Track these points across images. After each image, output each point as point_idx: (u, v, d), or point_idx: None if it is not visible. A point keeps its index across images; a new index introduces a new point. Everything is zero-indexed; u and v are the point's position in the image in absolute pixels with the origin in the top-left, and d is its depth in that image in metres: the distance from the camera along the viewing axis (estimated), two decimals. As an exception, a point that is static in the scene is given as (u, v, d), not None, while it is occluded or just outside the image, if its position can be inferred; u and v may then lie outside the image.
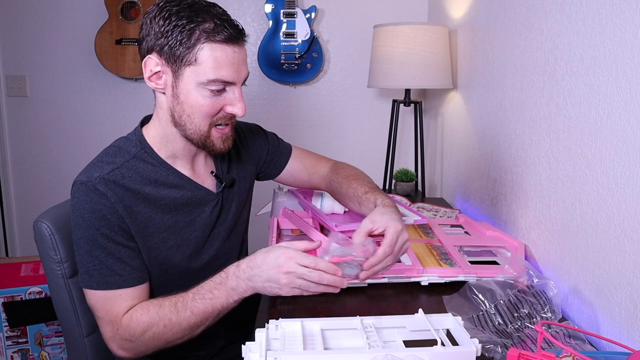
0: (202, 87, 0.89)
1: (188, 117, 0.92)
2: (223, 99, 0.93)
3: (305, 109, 2.36)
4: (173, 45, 0.87)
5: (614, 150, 0.87)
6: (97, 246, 0.91)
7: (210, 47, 0.87)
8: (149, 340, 0.91)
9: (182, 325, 0.90)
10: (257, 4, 2.26)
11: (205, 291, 0.90)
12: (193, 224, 1.02)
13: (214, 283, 0.90)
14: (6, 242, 2.41)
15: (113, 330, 0.92)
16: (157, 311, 0.91)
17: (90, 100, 2.33)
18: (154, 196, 0.96)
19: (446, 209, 1.58)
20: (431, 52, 1.73)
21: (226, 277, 0.90)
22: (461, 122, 1.76)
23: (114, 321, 0.92)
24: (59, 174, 2.38)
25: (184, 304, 0.90)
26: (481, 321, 0.90)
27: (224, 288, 0.89)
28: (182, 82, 0.90)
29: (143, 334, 0.90)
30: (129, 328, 0.91)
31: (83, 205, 0.91)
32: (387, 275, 1.08)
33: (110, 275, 0.91)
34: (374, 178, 1.20)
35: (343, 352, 0.74)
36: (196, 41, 0.87)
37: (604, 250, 0.90)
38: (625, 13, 0.84)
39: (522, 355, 0.67)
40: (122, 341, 0.92)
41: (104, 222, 0.91)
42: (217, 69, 0.88)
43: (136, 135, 0.99)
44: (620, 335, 0.85)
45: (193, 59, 0.88)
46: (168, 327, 0.90)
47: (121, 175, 0.93)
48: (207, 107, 0.91)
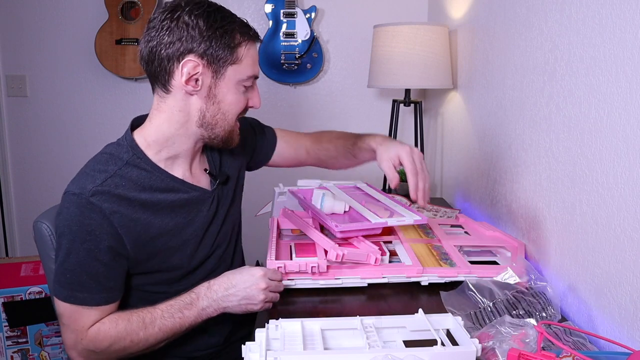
0: (240, 84, 0.95)
1: (223, 115, 0.96)
2: (248, 94, 0.99)
3: (305, 109, 2.36)
4: (217, 47, 0.90)
5: (614, 150, 0.87)
6: (76, 260, 0.90)
7: (248, 46, 0.95)
8: (114, 353, 0.93)
9: (149, 340, 0.93)
10: (257, 4, 2.26)
11: (175, 310, 0.93)
12: (192, 223, 1.03)
13: (184, 303, 0.93)
14: (6, 242, 2.41)
15: (76, 339, 0.92)
16: (125, 326, 0.92)
17: (90, 100, 2.33)
18: (151, 201, 0.96)
19: (446, 209, 1.58)
20: (431, 52, 1.73)
21: (197, 298, 0.94)
22: (461, 122, 1.76)
23: (78, 331, 0.92)
24: (59, 174, 2.37)
25: (152, 321, 0.92)
26: (479, 318, 0.90)
27: (195, 309, 0.93)
28: (222, 81, 0.93)
29: (109, 347, 0.92)
30: (95, 340, 0.92)
31: (72, 217, 0.90)
32: (387, 276, 1.08)
33: (79, 291, 0.91)
34: (374, 178, 1.22)
35: (343, 352, 0.74)
36: (239, 41, 0.93)
37: (603, 250, 0.90)
38: (625, 13, 0.84)
39: (522, 355, 0.67)
40: (85, 351, 0.93)
41: (90, 237, 0.90)
42: (253, 66, 0.96)
43: (127, 141, 0.97)
44: (620, 335, 0.85)
45: (237, 58, 0.93)
46: (135, 342, 0.92)
47: (114, 184, 0.92)
48: (242, 103, 0.98)
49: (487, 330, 0.77)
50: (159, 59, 0.91)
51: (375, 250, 1.11)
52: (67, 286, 0.91)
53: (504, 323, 0.77)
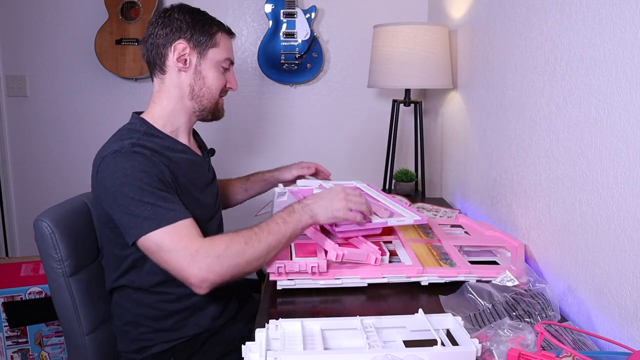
0: (217, 65, 1.18)
1: (208, 89, 1.18)
2: (226, 76, 1.22)
3: (305, 109, 2.36)
4: (200, 33, 1.15)
5: (614, 150, 0.87)
6: (146, 193, 1.00)
7: (223, 36, 1.19)
8: (232, 257, 0.98)
9: (261, 242, 1.01)
10: (257, 4, 2.26)
11: (278, 218, 1.06)
12: (200, 181, 1.21)
13: (284, 214, 1.07)
14: (6, 242, 2.41)
15: (190, 254, 0.97)
16: (234, 233, 1.02)
17: (90, 100, 2.33)
18: (172, 158, 1.12)
19: (446, 209, 1.58)
20: (431, 52, 1.73)
21: (293, 210, 1.08)
22: (461, 122, 1.76)
23: (188, 246, 0.97)
24: (59, 174, 2.37)
25: (259, 228, 1.03)
26: (478, 320, 0.90)
27: (293, 217, 1.07)
28: (205, 61, 1.17)
29: (226, 249, 0.98)
30: (212, 246, 0.98)
31: (123, 165, 1.01)
32: (387, 276, 1.08)
33: (166, 213, 1.00)
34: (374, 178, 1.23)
35: (343, 352, 0.74)
36: (216, 30, 1.17)
37: (603, 250, 0.90)
38: (625, 13, 0.84)
39: (522, 355, 0.67)
40: (205, 260, 0.97)
41: (145, 174, 1.01)
42: (228, 51, 1.20)
43: (138, 120, 1.16)
44: (620, 335, 0.85)
45: (215, 43, 1.17)
46: (249, 243, 1.00)
47: (143, 143, 1.08)
48: (221, 81, 1.20)
49: (485, 331, 0.77)
50: (156, 46, 1.15)
51: (375, 250, 1.11)
52: (153, 216, 0.99)
53: (503, 325, 0.77)
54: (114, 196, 1.01)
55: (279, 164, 2.39)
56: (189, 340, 1.16)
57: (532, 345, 0.73)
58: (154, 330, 1.14)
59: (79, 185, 1.99)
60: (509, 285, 0.99)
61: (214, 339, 1.18)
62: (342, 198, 1.10)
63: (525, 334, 0.75)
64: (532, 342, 0.74)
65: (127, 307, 1.15)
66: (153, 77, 1.19)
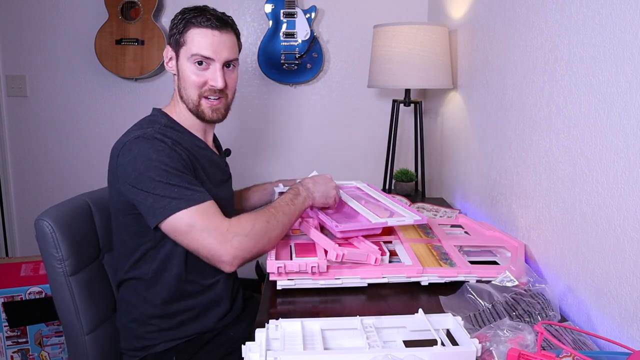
0: (190, 62, 1.15)
1: (184, 90, 1.17)
2: (206, 74, 1.16)
3: (305, 109, 2.36)
4: (174, 34, 1.16)
5: (614, 150, 0.87)
6: (172, 176, 1.03)
7: (194, 31, 1.14)
8: (258, 235, 1.06)
9: (278, 221, 1.10)
10: (257, 4, 2.26)
11: (288, 200, 1.15)
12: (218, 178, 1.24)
13: (290, 196, 1.16)
14: (6, 242, 2.41)
15: (222, 233, 1.02)
16: (255, 213, 1.10)
17: (90, 100, 2.33)
18: (192, 151, 1.16)
19: (446, 209, 1.58)
20: (431, 52, 1.73)
21: (298, 193, 1.18)
22: (461, 122, 1.76)
23: (219, 225, 1.03)
24: (59, 174, 2.37)
25: (275, 209, 1.12)
26: (478, 320, 0.90)
27: (299, 200, 1.17)
28: (180, 61, 1.17)
29: (253, 227, 1.05)
30: (239, 225, 1.05)
31: (147, 150, 1.04)
32: (387, 276, 1.08)
33: (193, 194, 1.04)
34: (374, 178, 1.24)
35: (343, 352, 0.74)
36: (187, 28, 1.14)
37: (604, 250, 0.90)
38: (625, 13, 0.84)
39: (522, 355, 0.67)
40: (236, 238, 1.03)
41: (169, 158, 1.05)
42: (198, 47, 1.14)
43: (159, 112, 1.20)
44: (620, 335, 0.85)
45: (184, 41, 1.15)
46: (271, 222, 1.08)
47: (164, 133, 1.11)
48: (193, 78, 1.16)
49: (484, 332, 0.77)
50: None
51: (375, 250, 1.11)
52: (182, 196, 1.03)
53: (502, 325, 0.77)
54: (138, 179, 1.03)
55: (279, 164, 2.41)
56: (191, 340, 1.16)
57: (531, 345, 0.73)
58: (159, 329, 1.15)
59: (79, 185, 1.99)
60: (508, 285, 0.99)
61: (216, 339, 1.18)
62: (333, 187, 1.23)
63: (524, 335, 0.75)
64: (531, 342, 0.74)
65: (134, 304, 1.15)
66: None
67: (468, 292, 0.98)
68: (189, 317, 1.16)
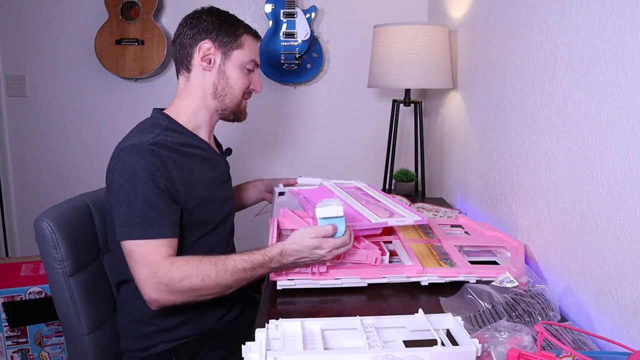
0: (243, 66, 1.21)
1: (230, 89, 1.21)
2: (251, 78, 1.25)
3: (305, 109, 2.36)
4: (225, 34, 1.18)
5: (614, 150, 0.87)
6: (143, 200, 1.02)
7: (249, 38, 1.22)
8: (184, 290, 1.01)
9: (219, 284, 1.02)
10: (257, 4, 2.26)
11: (248, 265, 1.02)
12: (215, 179, 1.23)
13: (257, 261, 1.03)
14: (6, 242, 2.41)
15: (150, 273, 1.00)
16: (196, 265, 1.01)
17: (90, 100, 2.33)
18: (192, 153, 1.16)
19: (446, 209, 1.58)
20: (431, 52, 1.73)
21: (269, 261, 1.03)
22: (461, 122, 1.76)
23: (152, 264, 1.01)
24: (59, 174, 2.37)
25: (224, 267, 1.02)
26: (478, 321, 0.90)
27: (265, 268, 1.03)
28: (229, 61, 1.19)
29: (181, 281, 1.00)
30: (169, 272, 1.00)
31: (136, 163, 1.03)
32: (387, 275, 1.08)
33: (150, 226, 1.02)
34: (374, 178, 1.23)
35: (343, 352, 0.74)
36: (242, 33, 1.20)
37: (604, 250, 0.90)
38: (625, 13, 0.84)
39: (522, 355, 0.67)
40: (159, 284, 1.00)
41: (152, 177, 1.04)
42: (254, 54, 1.23)
43: (161, 114, 1.20)
44: (620, 335, 0.85)
45: (240, 44, 1.20)
46: (205, 281, 1.01)
47: (163, 139, 1.10)
48: (245, 82, 1.23)
49: (482, 333, 0.77)
50: (183, 46, 1.20)
51: (376, 250, 1.11)
52: (138, 224, 1.02)
53: (500, 327, 0.77)
54: (117, 190, 1.04)
55: (278, 164, 2.41)
56: (191, 341, 1.16)
57: (529, 346, 0.73)
58: (159, 330, 1.15)
59: (79, 185, 1.99)
60: (508, 286, 0.99)
61: (217, 340, 1.18)
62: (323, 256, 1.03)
63: (522, 335, 0.75)
64: (529, 343, 0.74)
65: (134, 304, 1.15)
66: (179, 74, 1.23)
67: (468, 293, 0.98)
68: (190, 318, 1.16)
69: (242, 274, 1.02)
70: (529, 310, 0.90)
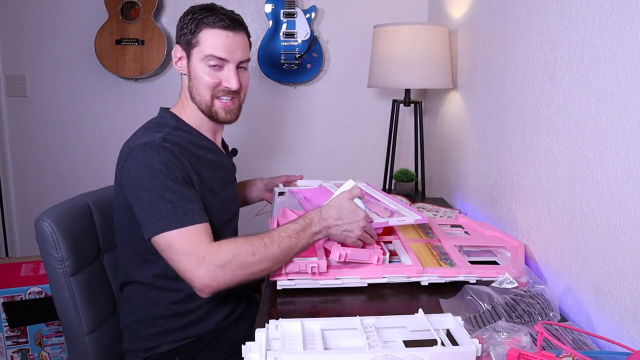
0: (203, 63, 1.13)
1: (196, 90, 1.16)
2: (220, 75, 1.15)
3: (305, 109, 2.36)
4: (186, 34, 1.14)
5: (614, 150, 0.87)
6: (169, 191, 1.02)
7: (208, 32, 1.12)
8: (238, 267, 0.99)
9: (268, 255, 1.00)
10: (257, 4, 2.26)
11: (292, 232, 1.03)
12: (222, 180, 1.23)
13: (299, 226, 1.04)
14: (6, 242, 2.41)
15: (197, 259, 0.98)
16: (244, 241, 1.00)
17: (90, 100, 2.33)
18: (200, 155, 1.16)
19: (446, 209, 1.58)
20: (431, 52, 1.73)
21: (310, 223, 1.05)
22: (461, 122, 1.76)
23: (197, 251, 0.98)
24: (59, 174, 2.37)
25: (271, 239, 1.01)
26: (478, 322, 0.90)
27: (309, 231, 1.04)
28: (192, 62, 1.15)
29: (232, 259, 0.98)
30: (218, 254, 0.98)
31: (151, 159, 1.03)
32: (387, 275, 1.08)
33: (184, 214, 1.01)
34: (374, 178, 1.23)
35: (343, 352, 0.74)
36: (199, 29, 1.12)
37: (604, 250, 0.90)
38: (625, 13, 0.84)
39: (522, 355, 0.67)
40: (210, 267, 0.97)
41: (171, 170, 1.04)
42: (212, 48, 1.12)
43: (168, 114, 1.20)
44: (620, 335, 0.85)
45: (196, 42, 1.13)
46: (256, 255, 0.99)
47: (173, 138, 1.10)
48: (207, 79, 1.14)
49: (480, 333, 0.77)
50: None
51: (378, 250, 1.11)
52: (171, 215, 1.00)
53: (498, 327, 0.77)
54: (138, 188, 1.03)
55: (278, 164, 2.41)
56: (194, 341, 1.16)
57: (527, 346, 0.73)
58: (163, 330, 1.14)
59: (79, 185, 1.99)
60: (508, 287, 0.99)
61: (219, 340, 1.18)
62: (360, 227, 1.06)
63: (520, 336, 0.75)
64: (527, 343, 0.74)
65: (138, 305, 1.15)
66: None
67: (468, 294, 0.98)
68: (194, 319, 1.16)
69: (287, 242, 1.01)
70: (528, 311, 0.90)
